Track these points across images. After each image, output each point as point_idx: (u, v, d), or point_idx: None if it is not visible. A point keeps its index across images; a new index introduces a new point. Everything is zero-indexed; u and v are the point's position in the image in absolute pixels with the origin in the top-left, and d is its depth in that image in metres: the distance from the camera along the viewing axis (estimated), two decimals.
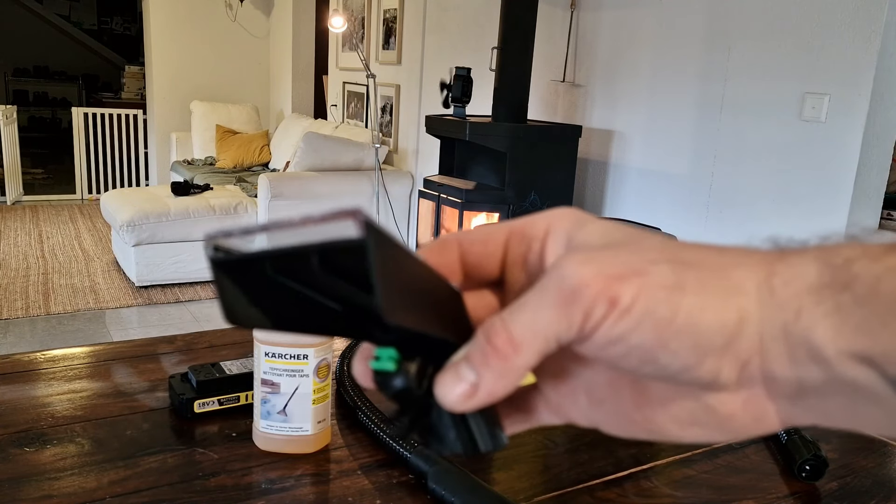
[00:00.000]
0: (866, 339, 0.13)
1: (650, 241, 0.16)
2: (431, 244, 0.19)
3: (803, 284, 0.14)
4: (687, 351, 0.15)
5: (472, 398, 0.15)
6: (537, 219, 0.18)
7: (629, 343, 0.15)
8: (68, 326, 2.35)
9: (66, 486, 0.34)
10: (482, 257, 0.18)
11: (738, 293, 0.15)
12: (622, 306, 0.14)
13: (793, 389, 0.15)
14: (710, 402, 0.16)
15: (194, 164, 3.86)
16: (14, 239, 3.33)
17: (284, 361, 0.38)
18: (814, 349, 0.14)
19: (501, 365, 0.15)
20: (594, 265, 0.15)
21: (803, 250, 0.15)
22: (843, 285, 0.14)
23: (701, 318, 0.14)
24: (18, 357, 0.48)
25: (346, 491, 0.35)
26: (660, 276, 0.15)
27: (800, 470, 0.39)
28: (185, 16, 4.11)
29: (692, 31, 1.83)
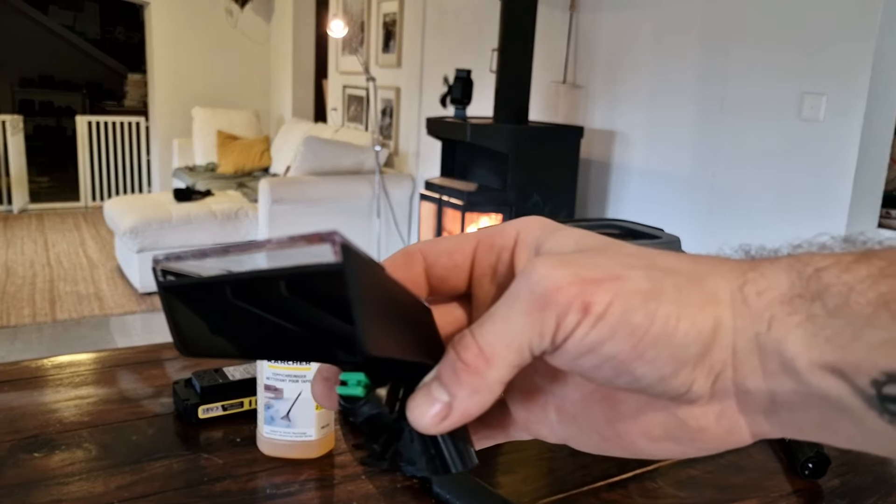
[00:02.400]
0: (837, 351, 0.13)
1: (625, 248, 0.15)
2: (395, 257, 0.17)
3: (775, 294, 0.14)
4: (663, 361, 0.14)
5: (447, 419, 0.15)
6: (506, 227, 0.17)
7: (603, 353, 0.14)
8: (74, 333, 2.36)
9: (75, 491, 0.34)
10: (449, 270, 0.17)
11: (713, 302, 0.14)
12: (596, 312, 0.14)
13: (765, 402, 0.15)
14: (682, 416, 0.15)
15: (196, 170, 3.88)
16: (21, 247, 3.36)
17: (287, 367, 0.38)
18: (786, 360, 0.14)
19: (474, 381, 0.14)
20: (568, 269, 0.14)
21: (775, 259, 0.15)
22: (815, 295, 0.13)
23: (678, 327, 0.14)
24: (26, 364, 0.49)
25: (351, 495, 0.36)
26: (636, 282, 0.14)
27: (802, 468, 0.39)
28: (187, 23, 4.14)
29: (691, 32, 1.83)
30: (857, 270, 0.13)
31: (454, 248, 0.17)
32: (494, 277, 0.17)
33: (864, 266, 0.13)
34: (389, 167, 3.19)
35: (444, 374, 0.15)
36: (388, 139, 3.23)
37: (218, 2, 4.15)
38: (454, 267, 0.17)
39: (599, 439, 0.17)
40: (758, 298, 0.14)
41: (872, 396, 0.13)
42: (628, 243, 0.16)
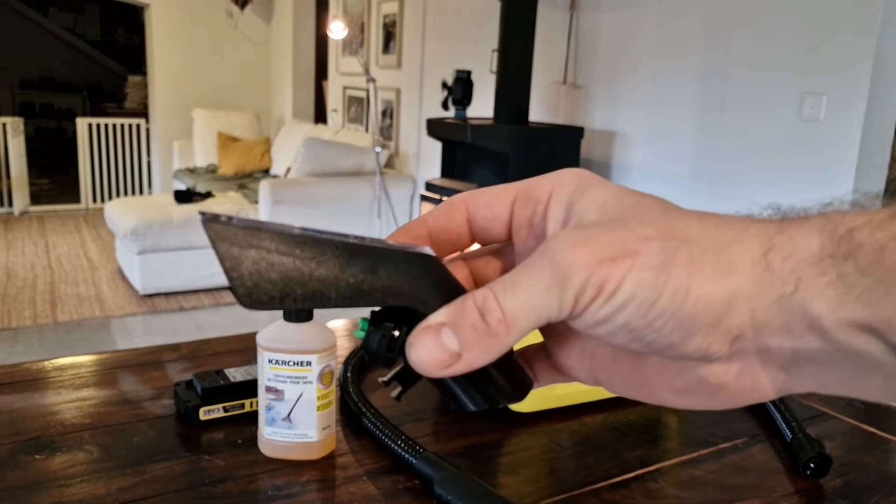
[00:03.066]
0: (869, 308, 0.13)
1: (649, 212, 0.16)
2: (440, 208, 0.19)
3: (803, 256, 0.14)
4: (671, 330, 0.15)
5: (451, 368, 0.15)
6: (542, 180, 0.18)
7: (616, 323, 0.15)
8: (75, 335, 2.36)
9: (77, 493, 0.34)
10: (489, 221, 0.18)
11: (729, 271, 0.15)
12: (610, 289, 0.15)
13: (788, 359, 0.15)
14: (702, 374, 0.16)
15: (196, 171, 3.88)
16: (22, 249, 3.36)
17: (288, 368, 0.38)
18: (812, 320, 0.14)
19: (491, 342, 0.15)
20: (587, 248, 0.15)
21: (805, 220, 0.15)
22: (846, 255, 0.13)
23: (685, 300, 0.15)
24: (28, 366, 0.49)
25: (353, 497, 0.36)
26: (649, 257, 0.15)
27: (804, 468, 0.39)
28: (187, 25, 4.15)
29: (691, 32, 1.83)
30: (891, 227, 0.13)
31: (493, 199, 0.18)
32: (531, 229, 0.18)
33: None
34: (390, 168, 3.19)
35: (461, 328, 0.15)
36: (388, 140, 3.24)
37: (218, 3, 4.16)
38: (493, 218, 0.18)
39: (628, 387, 0.18)
40: (783, 263, 0.14)
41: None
42: (655, 202, 0.16)
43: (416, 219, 0.19)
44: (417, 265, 0.17)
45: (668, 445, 0.43)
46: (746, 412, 0.47)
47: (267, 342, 0.38)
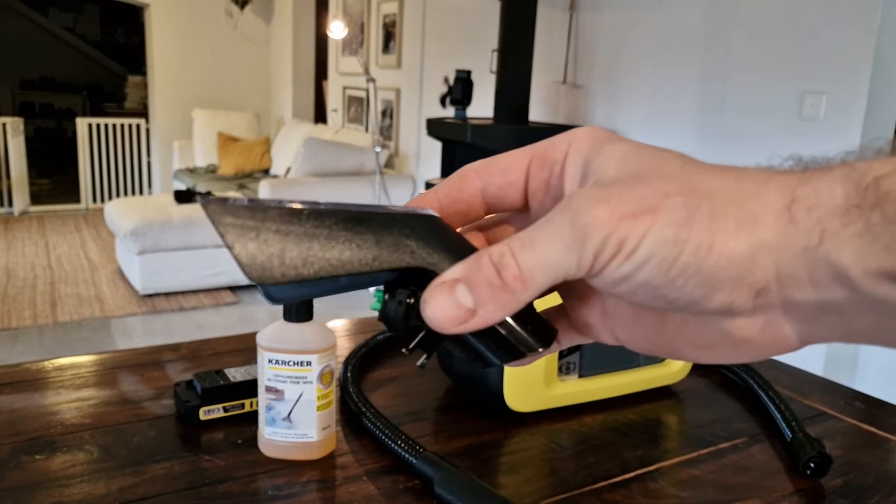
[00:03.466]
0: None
1: (668, 167, 0.15)
2: (451, 179, 0.18)
3: (828, 207, 0.14)
4: (693, 287, 0.15)
5: (466, 324, 0.15)
6: (557, 140, 0.17)
7: (636, 280, 0.15)
8: (75, 335, 2.36)
9: (77, 494, 0.34)
10: (504, 188, 0.18)
11: (752, 224, 0.14)
12: (630, 247, 0.14)
13: (814, 311, 0.15)
14: (726, 328, 0.15)
15: (196, 171, 3.88)
16: (22, 249, 3.36)
17: (288, 368, 0.38)
18: (838, 271, 0.14)
19: (507, 298, 0.15)
20: (607, 205, 0.15)
21: (828, 170, 0.14)
22: (874, 204, 0.13)
23: (708, 256, 0.14)
24: (28, 366, 0.49)
25: (353, 497, 0.36)
26: (671, 213, 0.14)
27: (804, 467, 0.38)
28: (187, 25, 4.14)
29: (691, 32, 1.83)
30: None
31: (508, 165, 0.18)
32: (548, 191, 0.18)
33: None
34: (390, 168, 3.19)
35: (476, 284, 0.15)
36: (388, 140, 3.24)
37: (218, 3, 4.15)
38: (509, 184, 0.18)
39: (650, 345, 0.17)
40: (807, 215, 0.14)
41: None
42: (674, 157, 0.16)
43: (425, 191, 0.19)
44: (424, 225, 0.16)
45: (667, 445, 0.43)
46: (746, 412, 0.47)
47: (267, 342, 0.38)
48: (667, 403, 0.48)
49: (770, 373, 0.51)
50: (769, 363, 0.56)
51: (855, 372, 1.51)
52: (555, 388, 0.44)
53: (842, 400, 0.49)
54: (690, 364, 0.49)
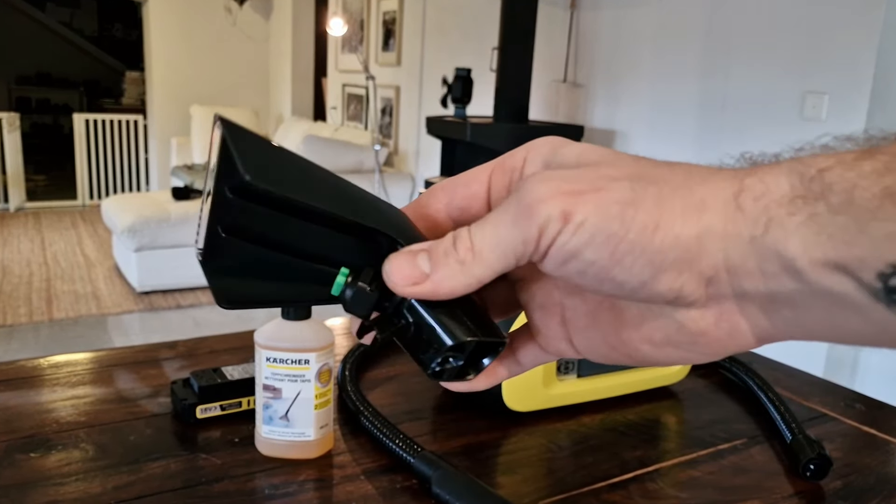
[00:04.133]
0: (841, 247, 0.13)
1: (622, 160, 0.16)
2: (417, 200, 0.20)
3: (775, 197, 0.14)
4: (641, 267, 0.15)
5: (418, 287, 0.17)
6: (516, 151, 0.18)
7: (584, 259, 0.15)
8: (71, 332, 2.35)
9: (72, 492, 0.34)
10: (468, 199, 0.19)
11: (700, 209, 0.15)
12: (575, 221, 0.15)
13: (766, 303, 0.15)
14: (680, 319, 0.16)
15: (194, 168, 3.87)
16: (17, 245, 3.35)
17: (286, 366, 0.38)
18: (786, 261, 0.14)
19: (457, 268, 0.16)
20: (552, 183, 0.15)
21: (775, 164, 0.15)
22: (818, 195, 0.14)
23: (654, 235, 0.15)
24: (23, 363, 0.49)
25: (350, 496, 0.35)
26: (617, 192, 0.15)
27: (804, 469, 0.38)
28: (185, 21, 4.13)
29: (692, 31, 1.83)
30: (861, 167, 0.13)
31: (471, 178, 0.19)
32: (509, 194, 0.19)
33: (869, 162, 0.13)
34: (389, 166, 3.19)
35: (435, 253, 0.17)
36: (387, 138, 3.23)
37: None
38: (472, 196, 0.19)
39: (608, 348, 0.18)
40: (754, 204, 0.14)
41: (879, 290, 0.13)
42: (633, 156, 0.17)
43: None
44: (400, 214, 0.19)
45: (666, 446, 0.43)
46: (746, 413, 0.47)
47: (265, 340, 0.38)
48: (666, 404, 0.48)
49: (770, 374, 0.51)
50: (769, 364, 0.56)
51: (855, 373, 1.51)
52: (553, 387, 0.44)
53: (842, 401, 0.49)
54: (690, 365, 0.49)
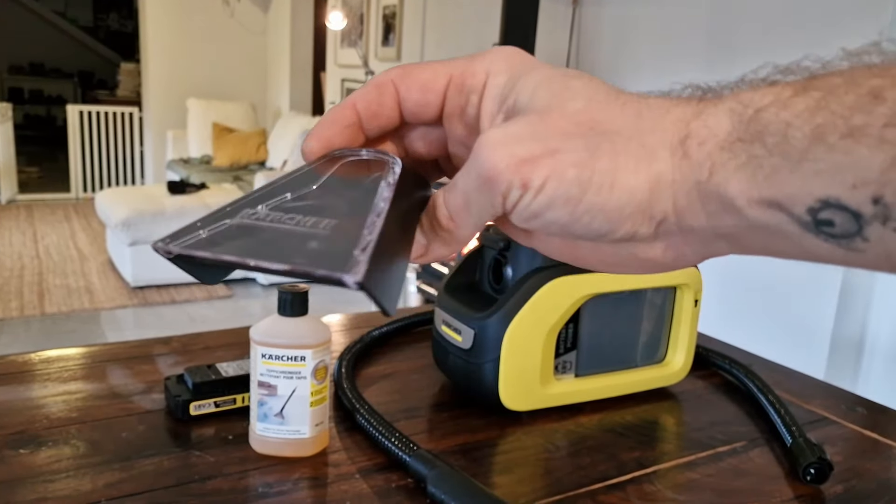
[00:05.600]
0: (775, 187, 0.14)
1: (573, 102, 0.16)
2: (367, 89, 0.19)
3: (717, 141, 0.15)
4: (600, 223, 0.16)
5: (424, 257, 0.18)
6: (477, 66, 0.18)
7: (546, 218, 0.16)
8: (63, 327, 2.33)
9: (62, 489, 0.33)
10: (422, 105, 0.19)
11: (650, 159, 0.15)
12: (534, 187, 0.16)
13: (710, 235, 0.16)
14: (632, 250, 0.17)
15: (190, 162, 3.84)
16: (9, 238, 3.31)
17: (281, 363, 0.37)
18: (726, 201, 0.15)
19: (445, 235, 0.18)
20: (506, 150, 0.16)
21: (718, 102, 0.15)
22: (754, 136, 0.14)
23: (611, 194, 0.16)
24: (13, 358, 0.48)
25: (345, 495, 0.35)
26: (571, 154, 0.16)
27: (804, 473, 0.38)
28: (182, 12, 4.09)
29: (695, 29, 1.83)
30: (795, 105, 0.14)
31: (427, 84, 0.19)
32: (463, 118, 0.19)
33: (802, 100, 0.14)
34: None
35: (425, 224, 0.18)
36: None
37: None
38: (427, 104, 0.19)
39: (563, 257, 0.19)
40: (699, 149, 0.15)
41: (808, 222, 0.14)
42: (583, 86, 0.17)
43: (343, 103, 0.19)
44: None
45: (665, 447, 0.43)
46: (746, 415, 0.47)
47: (260, 336, 0.37)
48: (664, 405, 0.48)
49: (770, 376, 0.51)
50: (770, 366, 0.56)
51: (857, 377, 1.51)
52: (551, 387, 0.44)
53: (843, 405, 0.49)
54: (689, 366, 0.49)
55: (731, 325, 0.84)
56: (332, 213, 0.16)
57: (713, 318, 0.68)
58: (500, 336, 0.41)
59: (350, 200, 0.17)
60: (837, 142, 0.13)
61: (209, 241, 0.16)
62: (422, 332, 0.56)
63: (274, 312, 0.38)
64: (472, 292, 0.45)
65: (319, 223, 0.16)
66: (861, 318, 1.50)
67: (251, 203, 0.17)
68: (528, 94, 0.17)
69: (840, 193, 0.13)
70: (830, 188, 0.13)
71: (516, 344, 0.41)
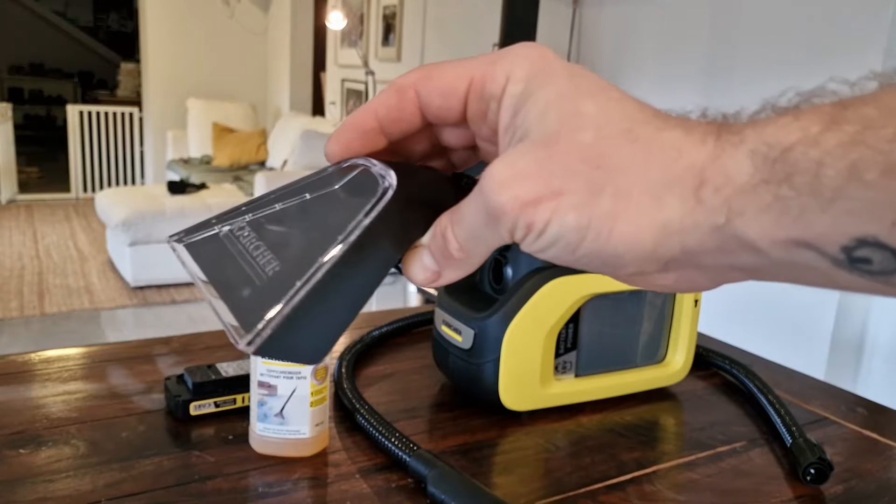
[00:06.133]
0: (804, 227, 0.14)
1: (583, 132, 0.16)
2: (388, 96, 0.19)
3: (737, 186, 0.14)
4: (598, 266, 0.16)
5: (436, 282, 0.19)
6: (497, 71, 0.18)
7: (549, 255, 0.17)
8: (63, 327, 2.34)
9: (62, 489, 0.33)
10: (443, 110, 0.19)
11: (656, 207, 0.15)
12: (537, 230, 0.16)
13: (726, 268, 0.16)
14: (642, 278, 0.17)
15: (190, 162, 3.84)
16: (9, 238, 3.31)
17: (281, 364, 0.37)
18: (746, 242, 0.15)
19: (457, 264, 0.18)
20: (511, 192, 0.16)
21: (739, 142, 0.15)
22: (782, 178, 0.14)
23: (608, 242, 0.16)
24: (13, 358, 0.48)
25: (345, 495, 0.35)
26: (573, 196, 0.16)
27: (804, 473, 0.38)
28: (182, 12, 4.09)
29: (696, 29, 1.83)
30: (826, 142, 0.13)
31: (447, 89, 0.19)
32: (486, 122, 0.19)
33: (834, 135, 0.13)
34: None
35: (436, 252, 0.18)
36: None
37: None
38: (449, 108, 0.19)
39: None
40: (714, 195, 0.15)
41: (842, 260, 0.13)
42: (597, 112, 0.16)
43: (364, 107, 0.19)
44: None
45: (665, 448, 0.43)
46: (746, 416, 0.47)
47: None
48: (665, 405, 0.48)
49: (770, 376, 0.51)
50: (770, 367, 0.56)
51: (857, 377, 1.51)
52: (551, 387, 0.44)
53: (843, 405, 0.49)
54: (689, 366, 0.49)
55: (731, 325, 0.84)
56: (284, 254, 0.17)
57: (713, 318, 0.68)
58: (500, 336, 0.41)
59: (311, 237, 0.17)
60: (877, 179, 0.12)
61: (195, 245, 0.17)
62: (422, 332, 0.56)
63: None
64: (472, 292, 0.46)
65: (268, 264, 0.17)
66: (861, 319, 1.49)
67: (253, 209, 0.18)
68: (537, 113, 0.17)
69: (878, 231, 0.13)
70: (867, 226, 0.13)
71: (516, 344, 0.41)
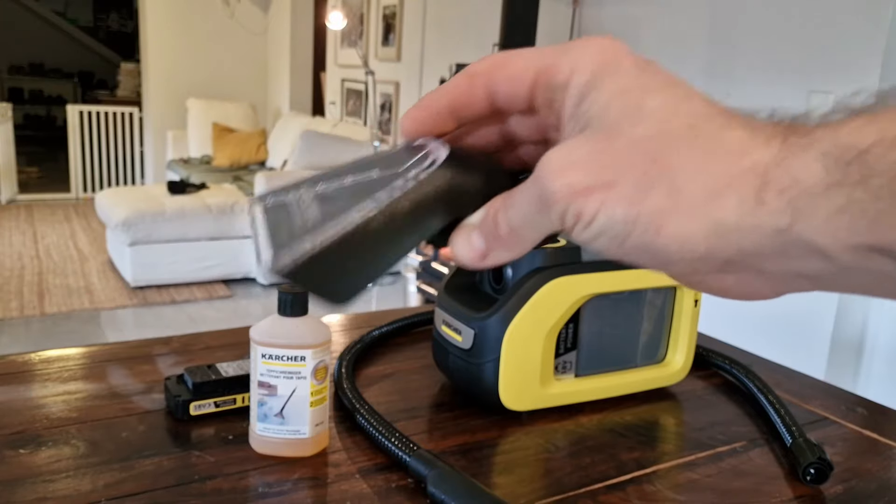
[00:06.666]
0: (880, 232, 0.13)
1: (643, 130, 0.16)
2: (460, 81, 0.19)
3: (804, 187, 0.14)
4: (645, 261, 0.16)
5: (483, 262, 0.19)
6: (563, 63, 0.18)
7: (597, 246, 0.17)
8: (63, 327, 2.34)
9: (62, 489, 0.33)
10: (511, 97, 0.19)
11: (711, 206, 0.15)
12: (585, 220, 0.16)
13: (791, 276, 0.15)
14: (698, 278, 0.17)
15: (190, 162, 3.84)
16: (9, 238, 3.31)
17: (281, 363, 0.37)
18: (813, 247, 0.14)
19: (507, 246, 0.18)
20: (566, 178, 0.16)
21: (808, 145, 0.14)
22: (857, 180, 0.13)
23: (657, 237, 0.15)
24: (13, 358, 0.48)
25: (345, 495, 0.35)
26: (624, 188, 0.15)
27: (804, 473, 0.38)
28: (182, 12, 4.09)
29: (696, 29, 1.83)
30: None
31: (515, 78, 0.19)
32: (552, 110, 0.19)
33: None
34: None
35: (486, 233, 0.18)
36: (387, 134, 3.22)
37: None
38: (516, 96, 0.19)
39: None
40: (778, 197, 0.14)
41: None
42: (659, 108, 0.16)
43: (437, 90, 0.20)
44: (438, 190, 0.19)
45: (665, 448, 0.43)
46: (746, 416, 0.47)
47: (260, 336, 0.37)
48: (664, 405, 0.48)
49: (770, 376, 0.51)
50: (770, 366, 0.56)
51: (857, 377, 1.51)
52: (551, 387, 0.44)
53: (843, 405, 0.49)
54: (689, 366, 0.49)
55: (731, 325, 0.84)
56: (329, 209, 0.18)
57: (713, 318, 0.68)
58: (500, 336, 0.41)
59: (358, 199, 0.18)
60: None
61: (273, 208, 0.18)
62: (422, 332, 0.56)
63: (274, 312, 0.38)
64: (472, 292, 0.45)
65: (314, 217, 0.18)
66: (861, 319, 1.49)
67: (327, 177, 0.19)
68: (600, 105, 0.16)
69: None
70: None
71: (516, 344, 0.41)
